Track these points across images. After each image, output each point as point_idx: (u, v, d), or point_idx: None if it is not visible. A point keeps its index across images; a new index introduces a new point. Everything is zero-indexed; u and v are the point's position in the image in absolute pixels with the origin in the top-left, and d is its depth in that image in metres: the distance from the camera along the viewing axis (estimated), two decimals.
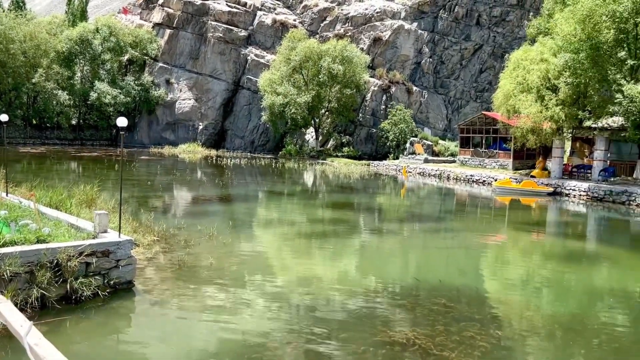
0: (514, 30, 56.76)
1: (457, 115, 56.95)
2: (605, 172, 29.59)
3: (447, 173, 38.82)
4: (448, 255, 14.43)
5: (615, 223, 22.13)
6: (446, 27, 57.51)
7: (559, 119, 28.50)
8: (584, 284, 11.78)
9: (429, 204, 27.15)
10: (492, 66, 56.41)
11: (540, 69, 29.41)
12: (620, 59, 25.83)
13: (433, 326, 8.29)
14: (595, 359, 7.55)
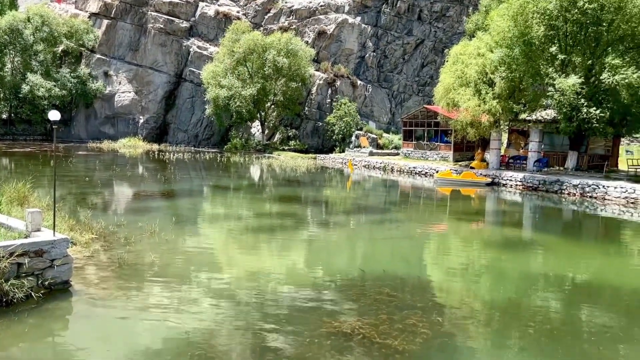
0: (453, 26, 58.35)
1: (401, 109, 58.04)
2: (539, 162, 31.06)
3: (391, 165, 39.54)
4: (392, 245, 14.73)
5: (549, 211, 23.28)
6: (389, 22, 58.37)
7: (496, 112, 29.63)
8: (520, 270, 12.33)
9: (374, 196, 27.58)
10: (434, 61, 57.84)
11: (477, 63, 30.42)
12: (551, 54, 27.10)
13: (377, 315, 8.45)
14: (530, 341, 7.93)
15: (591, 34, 26.29)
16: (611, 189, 24.24)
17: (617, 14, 25.29)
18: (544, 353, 7.48)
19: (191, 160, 42.61)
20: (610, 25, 25.86)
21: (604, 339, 8.10)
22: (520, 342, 7.89)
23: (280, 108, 54.65)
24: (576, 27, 26.58)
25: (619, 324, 8.89)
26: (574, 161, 30.39)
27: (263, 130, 56.23)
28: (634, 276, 12.39)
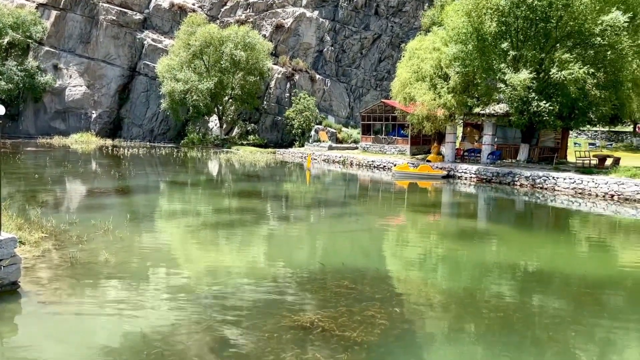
0: (410, 21, 59.11)
1: (359, 103, 58.46)
2: (493, 155, 31.95)
3: (350, 159, 39.82)
4: (352, 238, 14.86)
5: (502, 202, 23.99)
6: (346, 16, 58.58)
7: (451, 106, 30.26)
8: (475, 260, 12.66)
9: (333, 189, 27.72)
10: (391, 55, 58.47)
11: (433, 58, 30.96)
12: (503, 49, 27.85)
13: (336, 308, 8.52)
14: (484, 327, 8.16)
15: (540, 30, 27.15)
16: (560, 180, 25.19)
17: (565, 11, 26.21)
18: (498, 340, 7.72)
19: (146, 156, 41.67)
20: (558, 22, 26.77)
21: (554, 325, 8.43)
22: (475, 330, 8.11)
23: (239, 102, 54.10)
24: (526, 23, 27.39)
25: (568, 309, 9.27)
26: (526, 153, 31.41)
27: (221, 125, 55.54)
28: (581, 263, 12.94)
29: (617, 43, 25.73)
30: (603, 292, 10.44)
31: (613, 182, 23.16)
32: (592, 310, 9.24)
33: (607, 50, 26.00)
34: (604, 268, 12.44)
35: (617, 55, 26.15)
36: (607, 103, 27.11)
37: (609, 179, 23.62)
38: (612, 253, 14.54)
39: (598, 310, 9.27)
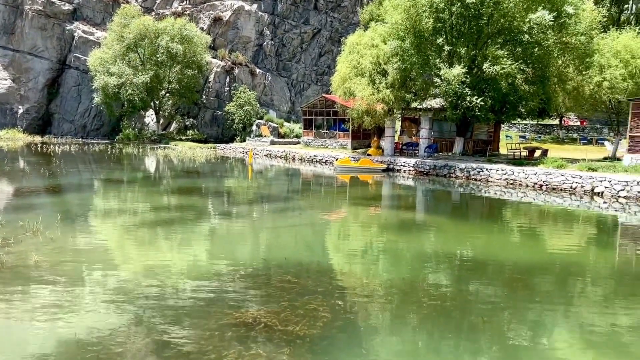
0: (349, 16, 59.67)
1: (300, 98, 58.52)
2: (430, 148, 32.89)
3: (292, 154, 39.81)
4: (295, 233, 14.87)
5: (439, 194, 24.76)
6: (286, 10, 58.37)
7: (389, 101, 30.86)
8: (414, 250, 13.00)
9: (276, 184, 27.62)
10: (331, 50, 58.85)
11: (372, 54, 31.42)
12: (439, 45, 28.66)
13: (278, 303, 8.51)
14: (424, 316, 8.39)
15: (473, 27, 28.15)
16: (493, 172, 26.29)
17: (495, 8, 27.30)
18: (437, 327, 7.98)
19: (79, 153, 39.88)
20: (490, 19, 27.86)
21: (489, 310, 8.80)
22: (415, 318, 8.34)
23: (176, 96, 52.80)
24: (460, 20, 28.31)
25: (502, 294, 9.71)
26: (461, 146, 32.54)
27: (158, 120, 54.01)
28: (513, 250, 13.57)
29: (543, 40, 27.09)
30: (533, 277, 11.00)
31: (542, 173, 24.42)
32: (524, 294, 9.72)
33: (535, 47, 27.32)
34: (534, 254, 13.11)
35: (543, 51, 27.54)
36: (535, 97, 28.52)
37: (538, 169, 24.90)
38: (541, 239, 15.35)
39: (529, 294, 9.76)
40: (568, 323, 8.40)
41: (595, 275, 11.48)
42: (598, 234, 16.44)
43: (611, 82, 28.65)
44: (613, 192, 21.59)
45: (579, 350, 7.40)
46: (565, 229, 17.08)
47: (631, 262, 13.07)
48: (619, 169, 23.90)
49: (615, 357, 7.10)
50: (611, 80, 28.63)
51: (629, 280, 11.28)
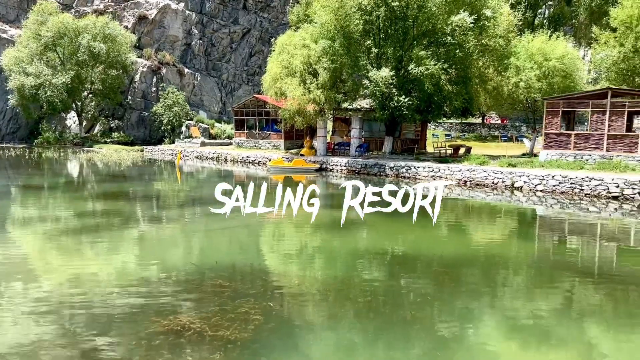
0: (278, 16, 59.60)
1: (232, 98, 57.78)
2: (361, 148, 33.48)
3: (224, 155, 39.24)
4: (228, 235, 14.64)
5: None
6: (214, 10, 57.43)
7: (320, 102, 31.10)
8: (348, 248, 13.16)
9: (208, 187, 27.06)
10: (261, 50, 58.52)
11: (302, 54, 31.53)
12: (367, 47, 29.21)
13: (208, 308, 8.34)
14: (355, 312, 8.50)
15: (400, 29, 28.93)
16: (421, 169, 27.14)
17: (420, 11, 28.20)
18: (369, 323, 8.10)
19: None
20: (415, 21, 28.73)
21: (417, 304, 9.07)
22: (348, 315, 8.43)
23: (100, 97, 50.58)
24: (387, 22, 29.01)
25: (430, 288, 10.04)
26: (390, 145, 33.36)
27: (80, 122, 51.53)
28: (441, 245, 14.07)
29: (465, 42, 28.30)
30: (460, 269, 11.45)
31: (465, 170, 25.50)
32: (451, 286, 10.10)
33: (457, 49, 28.48)
34: (460, 248, 13.66)
35: (465, 53, 28.76)
36: (458, 97, 29.72)
37: (462, 166, 25.97)
38: (466, 233, 16.02)
39: (456, 286, 10.14)
40: (493, 312, 8.81)
41: (516, 266, 12.12)
42: (519, 226, 17.38)
43: (527, 82, 30.38)
44: (531, 186, 22.90)
45: (504, 338, 7.77)
46: (488, 222, 17.92)
47: (549, 251, 13.92)
48: (536, 164, 25.38)
49: (537, 342, 7.51)
50: (527, 81, 30.35)
51: (548, 268, 12.00)
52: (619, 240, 15.10)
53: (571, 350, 7.30)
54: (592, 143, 25.46)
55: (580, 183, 21.61)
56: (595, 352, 7.34)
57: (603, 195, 20.84)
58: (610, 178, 20.98)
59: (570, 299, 9.63)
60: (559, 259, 13.01)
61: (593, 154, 25.23)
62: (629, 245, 14.46)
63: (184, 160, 39.55)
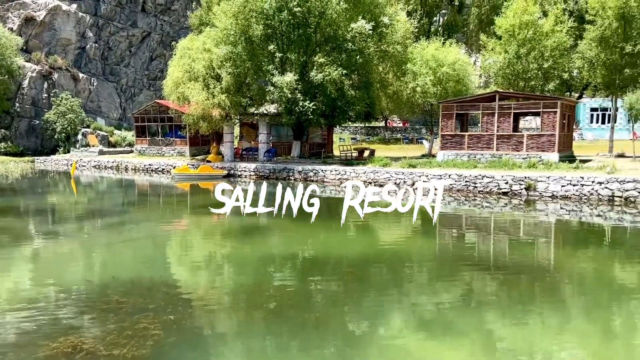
0: (180, 20, 58.01)
1: (132, 104, 55.31)
2: (269, 152, 33.38)
3: (125, 164, 37.44)
4: (131, 248, 13.88)
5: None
6: (110, 12, 54.70)
7: (226, 106, 30.63)
8: (258, 254, 12.98)
9: (108, 198, 25.64)
10: (163, 54, 56.58)
11: (204, 58, 30.89)
12: (271, 52, 29.21)
13: (103, 326, 7.81)
14: (267, 317, 8.36)
15: (302, 35, 29.23)
16: (328, 173, 27.57)
17: (321, 17, 28.68)
18: (282, 328, 7.99)
19: None
20: (317, 28, 29.17)
21: (329, 305, 9.12)
22: (260, 322, 8.26)
23: None
24: (289, 27, 29.20)
25: (340, 289, 10.15)
26: (298, 150, 33.58)
27: None
28: (349, 246, 14.33)
29: (365, 48, 29.18)
30: (367, 269, 11.70)
31: (370, 171, 26.25)
32: (360, 285, 10.27)
33: (358, 55, 29.29)
34: (366, 247, 13.99)
35: (365, 59, 29.66)
36: (361, 102, 30.59)
37: (367, 168, 26.72)
38: (372, 233, 16.46)
39: (365, 285, 10.33)
40: (401, 307, 9.06)
41: (420, 262, 12.62)
42: (420, 224, 18.13)
43: (423, 87, 31.97)
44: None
45: (412, 331, 8.00)
46: (392, 222, 18.53)
47: (448, 247, 14.66)
48: (434, 164, 26.71)
49: (442, 333, 7.81)
50: (423, 86, 31.94)
51: (448, 263, 12.61)
52: (510, 232, 16.24)
53: (472, 338, 7.68)
54: (483, 143, 27.25)
55: (474, 181, 23.02)
56: (494, 338, 7.78)
57: (494, 191, 22.35)
58: (500, 175, 22.55)
59: (470, 290, 10.16)
60: (458, 253, 13.72)
61: (485, 153, 27.01)
62: (519, 237, 15.60)
63: (80, 171, 37.17)
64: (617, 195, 19.76)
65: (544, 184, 21.33)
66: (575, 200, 20.41)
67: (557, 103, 25.61)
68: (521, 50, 32.49)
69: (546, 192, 21.15)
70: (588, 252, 13.65)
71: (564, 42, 32.81)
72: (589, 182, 20.48)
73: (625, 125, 41.50)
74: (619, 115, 40.22)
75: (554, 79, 33.69)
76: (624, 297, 9.73)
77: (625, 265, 12.14)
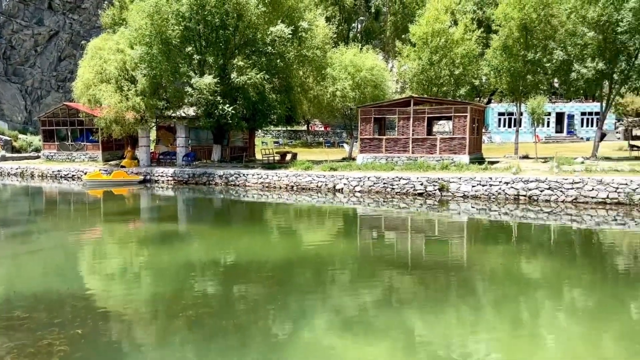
0: (91, 19, 55.18)
1: (39, 107, 51.86)
2: (188, 157, 32.48)
3: (31, 170, 35.02)
4: (40, 259, 12.90)
5: (200, 202, 24.60)
6: (13, 8, 51.00)
7: (141, 109, 29.46)
8: (178, 262, 12.53)
9: (12, 207, 23.75)
10: (73, 54, 53.53)
11: (117, 59, 29.57)
12: (188, 54, 28.49)
13: (1, 345, 7.19)
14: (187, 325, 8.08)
15: (221, 37, 28.76)
16: (250, 177, 27.28)
17: (240, 20, 28.38)
18: (202, 335, 7.75)
19: None
20: (235, 30, 28.83)
21: (251, 309, 8.99)
22: (179, 331, 7.97)
23: None
24: (208, 29, 28.64)
25: (263, 292, 10.02)
26: (219, 154, 32.97)
27: None
28: (272, 249, 14.21)
29: (285, 52, 29.22)
30: (291, 271, 11.68)
31: (292, 175, 26.28)
32: (283, 289, 10.20)
33: (278, 58, 29.27)
34: (290, 250, 13.95)
35: (285, 63, 29.71)
36: (282, 106, 30.60)
37: (289, 172, 26.73)
38: (295, 236, 16.46)
39: (288, 288, 10.28)
40: (324, 309, 9.11)
41: (342, 263, 12.76)
42: (342, 226, 18.39)
43: (342, 91, 32.55)
44: (350, 188, 24.47)
45: (335, 332, 8.04)
46: (315, 224, 18.67)
47: (369, 246, 14.96)
48: (354, 167, 27.21)
49: (365, 334, 7.91)
50: (342, 90, 32.52)
51: (369, 263, 12.87)
52: (426, 232, 16.86)
53: (393, 335, 7.86)
54: (400, 146, 28.16)
55: (391, 183, 23.71)
56: (413, 334, 8.02)
57: (411, 192, 23.14)
58: (416, 177, 23.39)
59: (390, 289, 10.42)
60: (378, 253, 14.04)
61: (401, 156, 27.92)
62: (434, 236, 16.23)
63: None
64: (522, 194, 21.13)
65: (456, 185, 22.37)
66: (484, 199, 21.58)
67: (468, 108, 26.99)
68: (434, 57, 33.94)
69: (458, 192, 22.19)
70: (497, 248, 14.46)
71: (472, 50, 34.69)
72: (497, 182, 21.73)
73: (529, 128, 44.54)
74: (524, 119, 43.11)
75: (464, 85, 35.50)
76: (529, 289, 10.38)
77: (530, 259, 12.98)
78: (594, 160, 27.53)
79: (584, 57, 27.81)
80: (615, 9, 26.25)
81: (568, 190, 20.41)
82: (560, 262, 12.49)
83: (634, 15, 25.52)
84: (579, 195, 20.19)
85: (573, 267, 12.10)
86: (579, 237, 15.78)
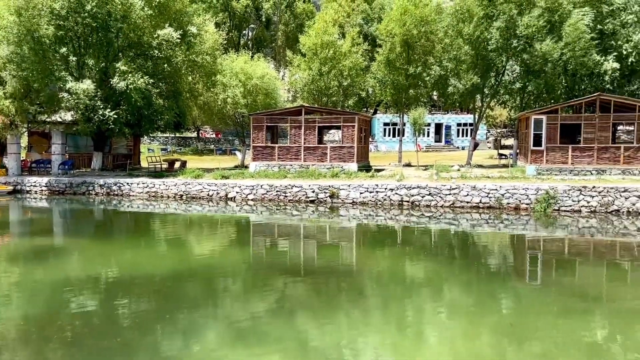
0: None
1: None
2: (65, 165, 30.12)
3: None
4: None
5: (78, 214, 22.92)
6: None
7: (10, 113, 26.90)
8: (54, 279, 11.54)
9: None
10: None
11: None
12: (64, 55, 26.53)
13: None
14: (59, 346, 7.46)
15: (102, 39, 27.16)
16: (135, 186, 25.95)
17: (124, 22, 27.01)
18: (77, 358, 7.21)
19: None
20: (119, 32, 27.38)
21: (135, 326, 8.51)
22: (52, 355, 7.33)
23: None
24: (87, 30, 26.92)
25: (150, 308, 9.56)
26: (100, 161, 31.01)
27: None
28: (160, 262, 13.59)
29: (173, 57, 28.30)
30: (181, 284, 11.22)
31: (181, 184, 25.45)
32: (172, 302, 9.76)
33: (165, 63, 28.26)
34: (179, 262, 13.43)
35: (173, 67, 28.78)
36: (170, 111, 29.53)
37: (178, 180, 25.84)
38: (186, 247, 15.91)
39: (177, 301, 9.84)
40: (216, 321, 8.88)
41: (234, 272, 12.56)
42: (235, 235, 18.14)
43: (233, 98, 32.25)
44: (243, 196, 24.25)
45: (228, 344, 7.86)
46: (206, 233, 18.20)
47: (262, 254, 14.92)
48: (247, 175, 27.01)
49: (259, 343, 7.82)
50: (233, 97, 32.22)
51: (261, 271, 12.81)
52: (318, 238, 17.18)
53: (287, 343, 7.87)
54: (292, 154, 28.49)
55: (284, 190, 23.88)
56: (306, 339, 8.09)
57: (303, 199, 23.48)
58: (308, 185, 23.79)
59: (283, 296, 10.44)
60: (270, 261, 14.04)
61: (294, 164, 28.26)
62: (326, 241, 16.59)
63: None
64: (406, 200, 22.35)
65: (346, 192, 23.10)
66: (372, 205, 22.51)
67: (355, 118, 28.06)
68: (323, 68, 34.87)
69: (347, 199, 22.93)
70: (384, 252, 15.14)
71: (359, 62, 36.16)
72: (383, 189, 22.79)
73: (412, 138, 47.31)
74: (406, 129, 45.68)
75: (352, 96, 36.90)
76: (414, 290, 10.99)
77: (413, 261, 13.75)
78: (468, 167, 29.91)
79: (459, 72, 30.18)
80: (485, 28, 28.83)
81: (446, 195, 21.95)
82: (440, 263, 13.38)
83: (500, 35, 28.21)
84: (456, 200, 21.80)
85: (452, 268, 13.01)
86: (456, 239, 17.02)
